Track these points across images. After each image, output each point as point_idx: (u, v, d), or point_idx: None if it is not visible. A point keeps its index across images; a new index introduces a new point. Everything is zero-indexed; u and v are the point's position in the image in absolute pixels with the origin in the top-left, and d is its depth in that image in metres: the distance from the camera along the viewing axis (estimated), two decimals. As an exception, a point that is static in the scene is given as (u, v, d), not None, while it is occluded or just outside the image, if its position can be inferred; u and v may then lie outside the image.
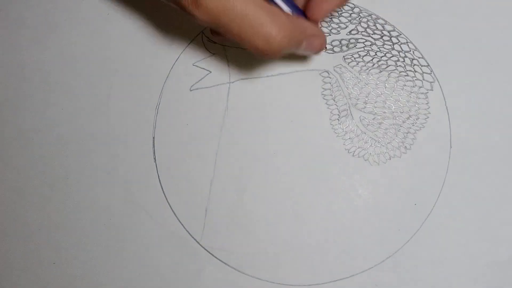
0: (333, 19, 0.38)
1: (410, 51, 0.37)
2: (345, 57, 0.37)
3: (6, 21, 0.40)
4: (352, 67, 0.37)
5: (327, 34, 0.37)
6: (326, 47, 0.33)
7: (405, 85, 0.37)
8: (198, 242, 0.37)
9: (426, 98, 0.36)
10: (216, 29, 0.25)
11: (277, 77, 0.38)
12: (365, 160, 0.36)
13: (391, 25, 0.37)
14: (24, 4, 0.40)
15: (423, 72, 0.37)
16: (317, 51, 0.30)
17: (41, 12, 0.40)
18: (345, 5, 0.28)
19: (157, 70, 0.39)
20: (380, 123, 0.37)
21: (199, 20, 0.24)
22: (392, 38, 0.37)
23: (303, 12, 0.29)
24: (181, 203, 0.38)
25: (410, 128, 0.36)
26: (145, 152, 0.38)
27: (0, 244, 0.39)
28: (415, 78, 0.37)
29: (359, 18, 0.38)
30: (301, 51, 0.29)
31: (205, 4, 0.23)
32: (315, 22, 0.29)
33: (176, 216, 0.38)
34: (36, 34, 0.40)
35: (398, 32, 0.37)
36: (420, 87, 0.37)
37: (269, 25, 0.24)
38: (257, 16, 0.24)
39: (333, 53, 0.37)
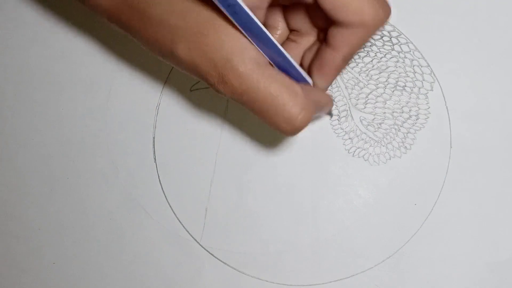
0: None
1: (410, 51, 0.37)
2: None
3: (6, 21, 0.40)
4: (352, 68, 0.37)
5: None
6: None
7: (405, 85, 0.37)
8: (198, 242, 0.37)
9: (426, 98, 0.36)
10: (241, 104, 0.26)
11: (277, 77, 0.38)
12: (365, 160, 0.36)
13: (391, 25, 0.37)
14: (24, 4, 0.40)
15: (423, 73, 0.37)
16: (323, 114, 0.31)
17: (41, 12, 0.40)
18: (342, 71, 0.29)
19: (158, 70, 0.39)
20: (380, 124, 0.37)
21: (222, 94, 0.25)
22: (392, 39, 0.37)
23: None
24: (181, 203, 0.38)
25: (410, 128, 0.36)
26: (145, 152, 0.38)
27: (0, 244, 0.39)
28: (415, 79, 0.37)
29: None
30: None
31: (230, 83, 0.24)
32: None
33: (176, 216, 0.38)
34: (36, 34, 0.40)
35: (398, 33, 0.37)
36: (420, 88, 0.37)
37: (291, 106, 0.25)
38: (279, 97, 0.25)
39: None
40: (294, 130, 0.26)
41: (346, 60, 0.27)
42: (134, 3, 0.26)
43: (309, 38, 0.30)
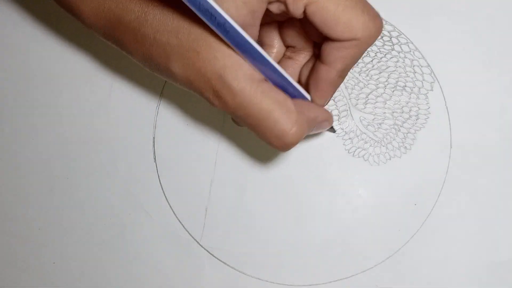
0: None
1: (410, 51, 0.37)
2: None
3: (6, 21, 0.40)
4: (352, 68, 0.37)
5: None
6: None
7: (405, 85, 0.37)
8: (198, 242, 0.37)
9: (426, 98, 0.36)
10: (234, 118, 0.27)
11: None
12: (365, 160, 0.36)
13: (391, 25, 0.37)
14: (24, 4, 0.40)
15: (423, 73, 0.37)
16: (323, 130, 0.31)
17: (42, 12, 0.40)
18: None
19: (157, 70, 0.39)
20: (380, 124, 0.37)
21: (218, 108, 0.26)
22: (392, 39, 0.37)
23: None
24: (181, 203, 0.38)
25: (410, 128, 0.36)
26: (145, 152, 0.38)
27: (0, 244, 0.39)
28: (415, 79, 0.37)
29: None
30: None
31: (223, 98, 0.25)
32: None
33: (176, 216, 0.38)
34: (36, 34, 0.40)
35: (398, 32, 0.37)
36: (420, 88, 0.37)
37: (282, 123, 0.25)
38: (271, 113, 0.25)
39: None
40: (285, 146, 0.26)
41: (342, 76, 0.27)
42: (126, 22, 0.26)
43: (305, 54, 0.30)
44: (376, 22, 0.25)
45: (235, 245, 0.37)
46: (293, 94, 0.28)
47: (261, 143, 0.37)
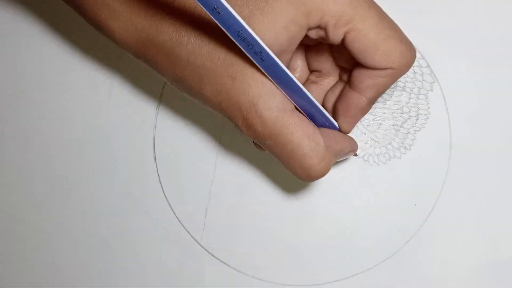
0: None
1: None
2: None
3: (6, 21, 0.40)
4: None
5: None
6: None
7: (405, 86, 0.37)
8: (198, 242, 0.37)
9: (426, 98, 0.37)
10: (261, 145, 0.27)
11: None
12: (365, 161, 0.37)
13: (391, 25, 0.37)
14: (24, 4, 0.40)
15: (423, 73, 0.37)
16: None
17: (42, 12, 0.40)
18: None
19: (158, 70, 0.39)
20: (380, 124, 0.37)
21: (246, 135, 0.26)
22: (392, 39, 0.37)
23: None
24: (181, 203, 0.38)
25: (410, 128, 0.36)
26: (145, 152, 0.38)
27: (0, 244, 0.39)
28: (415, 79, 0.37)
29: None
30: None
31: (254, 127, 0.25)
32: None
33: (176, 216, 0.38)
34: (36, 34, 0.40)
35: (398, 33, 0.37)
36: (420, 88, 0.37)
37: (311, 157, 0.25)
38: (300, 146, 0.25)
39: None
40: (310, 179, 0.26)
41: (372, 103, 0.27)
42: (159, 42, 0.25)
43: (330, 79, 0.30)
44: (412, 51, 0.25)
45: (235, 245, 0.37)
46: (320, 120, 0.28)
47: (261, 143, 0.37)
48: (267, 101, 0.24)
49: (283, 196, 0.37)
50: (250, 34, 0.22)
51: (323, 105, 0.30)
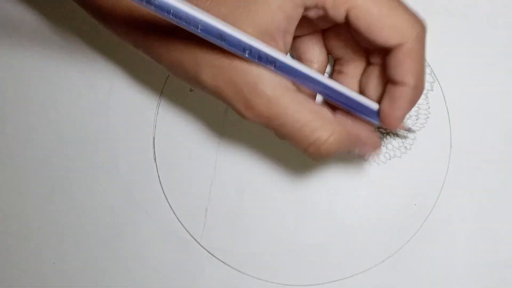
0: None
1: (410, 51, 0.37)
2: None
3: (6, 21, 0.40)
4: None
5: None
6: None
7: (405, 85, 0.37)
8: (198, 242, 0.37)
9: (426, 98, 0.36)
10: (266, 128, 0.26)
11: (277, 77, 0.38)
12: (365, 160, 0.37)
13: (391, 25, 0.37)
14: (24, 4, 0.40)
15: (423, 73, 0.37)
16: (367, 157, 0.31)
17: (42, 12, 0.40)
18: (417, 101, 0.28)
19: (158, 70, 0.39)
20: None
21: (247, 119, 0.25)
22: (392, 39, 0.37)
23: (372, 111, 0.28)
24: (181, 203, 0.38)
25: (410, 128, 0.36)
26: (145, 152, 0.38)
27: (0, 244, 0.39)
28: (415, 79, 0.37)
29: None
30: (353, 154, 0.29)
31: (256, 108, 0.24)
32: (391, 128, 0.28)
33: (176, 216, 0.38)
34: (36, 34, 0.40)
35: (398, 33, 0.37)
36: (420, 88, 0.37)
37: (320, 130, 0.24)
38: (308, 121, 0.24)
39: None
40: (321, 154, 0.25)
41: (418, 90, 0.26)
42: (158, 28, 0.25)
43: (355, 65, 0.29)
44: (420, 21, 0.25)
45: (235, 245, 0.37)
46: (353, 107, 0.27)
47: (261, 143, 0.37)
48: (269, 79, 0.24)
49: (283, 196, 0.37)
50: (253, 46, 0.22)
51: (361, 93, 0.29)
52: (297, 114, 0.24)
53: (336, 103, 0.27)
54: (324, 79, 0.25)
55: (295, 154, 0.37)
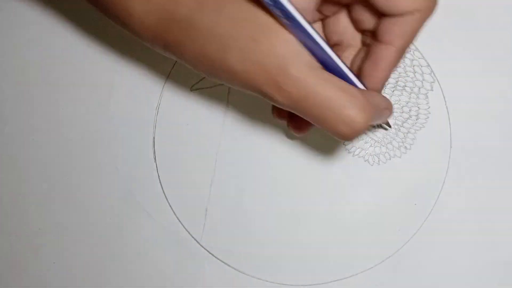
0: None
1: (410, 51, 0.37)
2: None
3: (6, 21, 0.40)
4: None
5: None
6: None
7: (405, 85, 0.37)
8: (198, 242, 0.37)
9: (426, 98, 0.36)
10: (294, 112, 0.25)
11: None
12: (365, 161, 0.36)
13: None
14: (24, 4, 0.40)
15: (423, 73, 0.37)
16: (385, 121, 0.30)
17: (41, 12, 0.40)
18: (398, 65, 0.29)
19: (158, 70, 0.39)
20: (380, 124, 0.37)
21: (278, 104, 0.25)
22: (392, 39, 0.37)
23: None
24: (181, 203, 0.38)
25: (410, 128, 0.36)
26: (145, 152, 0.38)
27: (0, 244, 0.39)
28: (415, 79, 0.37)
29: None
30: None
31: (286, 89, 0.24)
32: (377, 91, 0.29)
33: (176, 216, 0.38)
34: (36, 34, 0.40)
35: (398, 33, 0.37)
36: (420, 88, 0.37)
37: (351, 108, 0.24)
38: (338, 99, 0.24)
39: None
40: (354, 132, 0.25)
41: (401, 54, 0.26)
42: (180, 17, 0.25)
43: (351, 50, 0.30)
44: None
45: (235, 245, 0.37)
46: (351, 83, 0.27)
47: (261, 144, 0.37)
48: (295, 60, 0.23)
49: (283, 196, 0.37)
50: None
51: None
52: (326, 93, 0.24)
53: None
54: (331, 50, 0.25)
55: (295, 155, 0.37)
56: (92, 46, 0.39)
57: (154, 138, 0.38)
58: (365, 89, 0.28)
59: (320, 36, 0.24)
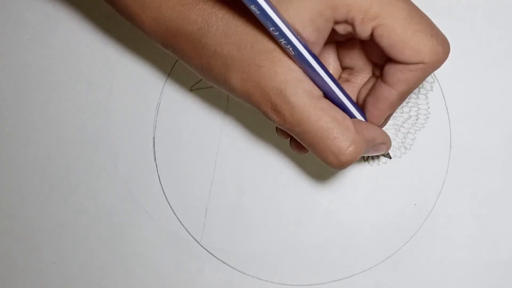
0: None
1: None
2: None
3: (6, 21, 0.40)
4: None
5: None
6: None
7: (405, 85, 0.37)
8: (198, 242, 0.37)
9: (426, 98, 0.36)
10: (289, 133, 0.26)
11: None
12: (365, 161, 0.37)
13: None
14: (24, 4, 0.40)
15: (423, 73, 0.37)
16: (383, 153, 0.31)
17: (42, 12, 0.40)
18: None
19: (158, 70, 0.39)
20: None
21: (274, 123, 0.26)
22: (392, 39, 0.37)
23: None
24: (181, 203, 0.38)
25: (410, 128, 0.36)
26: (145, 152, 0.38)
27: (0, 244, 0.39)
28: (415, 79, 0.37)
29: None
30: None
31: (282, 113, 0.25)
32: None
33: (176, 216, 0.38)
34: (36, 34, 0.40)
35: (398, 33, 0.37)
36: (420, 88, 0.37)
37: (340, 141, 0.25)
38: (329, 130, 0.25)
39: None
40: (341, 164, 0.26)
41: (402, 98, 0.27)
42: (188, 33, 0.26)
43: (363, 76, 0.30)
44: (444, 46, 0.25)
45: (235, 245, 0.37)
46: (350, 114, 0.28)
47: (261, 144, 0.37)
48: (294, 87, 0.24)
49: (283, 196, 0.37)
50: (281, 29, 0.23)
51: (356, 101, 0.30)
52: (319, 122, 0.25)
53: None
54: (332, 81, 0.26)
55: (295, 155, 0.37)
56: (92, 46, 0.39)
57: (154, 138, 0.38)
58: (364, 121, 0.28)
59: (323, 67, 0.25)
